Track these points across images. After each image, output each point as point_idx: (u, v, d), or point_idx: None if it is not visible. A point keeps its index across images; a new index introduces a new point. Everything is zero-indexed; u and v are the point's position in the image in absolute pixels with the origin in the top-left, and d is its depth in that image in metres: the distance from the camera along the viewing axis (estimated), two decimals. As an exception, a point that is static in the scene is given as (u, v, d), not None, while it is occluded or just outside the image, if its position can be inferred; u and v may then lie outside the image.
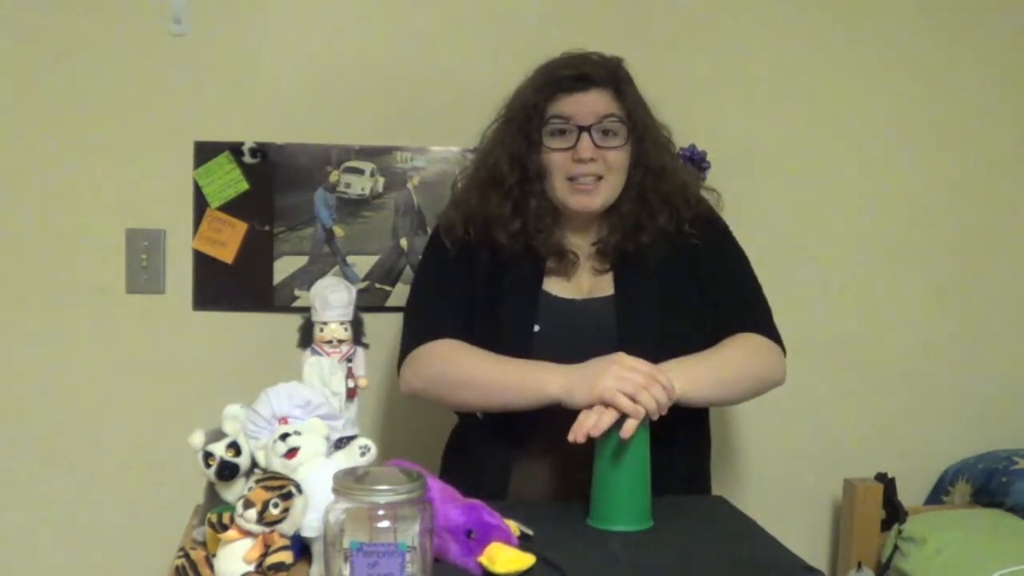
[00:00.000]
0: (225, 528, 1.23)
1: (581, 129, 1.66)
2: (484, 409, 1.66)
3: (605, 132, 1.67)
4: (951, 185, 2.43)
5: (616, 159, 1.68)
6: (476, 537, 1.30)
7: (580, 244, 1.76)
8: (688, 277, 1.73)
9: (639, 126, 1.71)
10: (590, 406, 1.50)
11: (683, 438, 1.71)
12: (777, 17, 2.33)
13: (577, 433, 1.48)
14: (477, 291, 1.73)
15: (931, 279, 2.44)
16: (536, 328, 1.69)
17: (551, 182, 1.70)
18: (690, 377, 1.58)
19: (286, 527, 1.22)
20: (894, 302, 2.43)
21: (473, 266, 1.74)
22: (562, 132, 1.68)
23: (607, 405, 1.48)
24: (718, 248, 1.78)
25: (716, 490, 1.85)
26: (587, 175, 1.67)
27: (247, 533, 1.22)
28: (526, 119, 1.69)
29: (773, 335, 1.75)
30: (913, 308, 2.44)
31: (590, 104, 1.67)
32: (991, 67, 2.41)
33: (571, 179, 1.68)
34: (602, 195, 1.69)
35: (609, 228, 1.74)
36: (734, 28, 2.32)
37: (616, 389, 1.47)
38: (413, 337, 1.72)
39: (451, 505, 1.33)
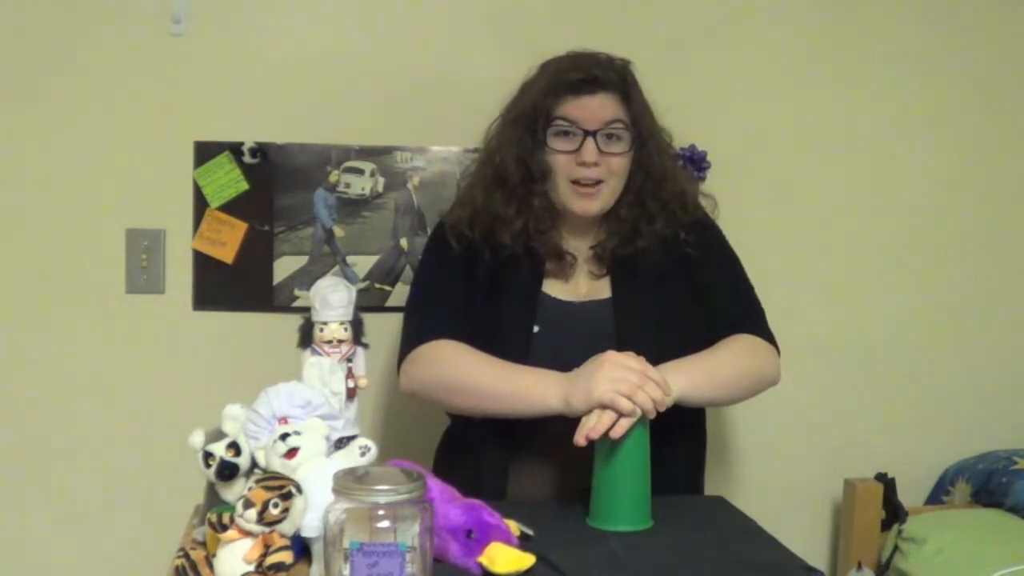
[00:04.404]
0: (225, 528, 1.23)
1: (586, 133, 1.66)
2: (483, 415, 1.66)
3: (609, 137, 1.67)
4: (953, 186, 2.43)
5: (619, 165, 1.69)
6: (476, 537, 1.30)
7: (578, 246, 1.76)
8: (684, 282, 1.74)
9: (643, 132, 1.71)
10: (590, 412, 1.50)
11: (680, 438, 1.71)
12: (778, 17, 2.33)
13: (579, 437, 1.48)
14: (477, 291, 1.73)
15: (931, 279, 2.44)
16: (536, 329, 1.70)
17: (554, 183, 1.70)
18: (688, 379, 1.58)
19: (286, 527, 1.22)
20: (894, 302, 2.42)
21: (475, 266, 1.74)
22: (567, 134, 1.68)
23: (605, 407, 1.48)
24: (712, 253, 1.79)
25: (716, 490, 1.85)
26: (589, 179, 1.67)
27: (247, 533, 1.22)
28: (532, 119, 1.69)
29: (767, 336, 1.76)
30: (913, 308, 2.43)
31: (596, 109, 1.67)
32: (991, 68, 2.41)
33: (574, 182, 1.68)
34: (602, 200, 1.70)
35: (607, 232, 1.75)
36: (735, 28, 2.32)
37: (612, 391, 1.48)
38: (414, 335, 1.72)
39: (451, 505, 1.33)
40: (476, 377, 1.63)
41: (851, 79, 2.37)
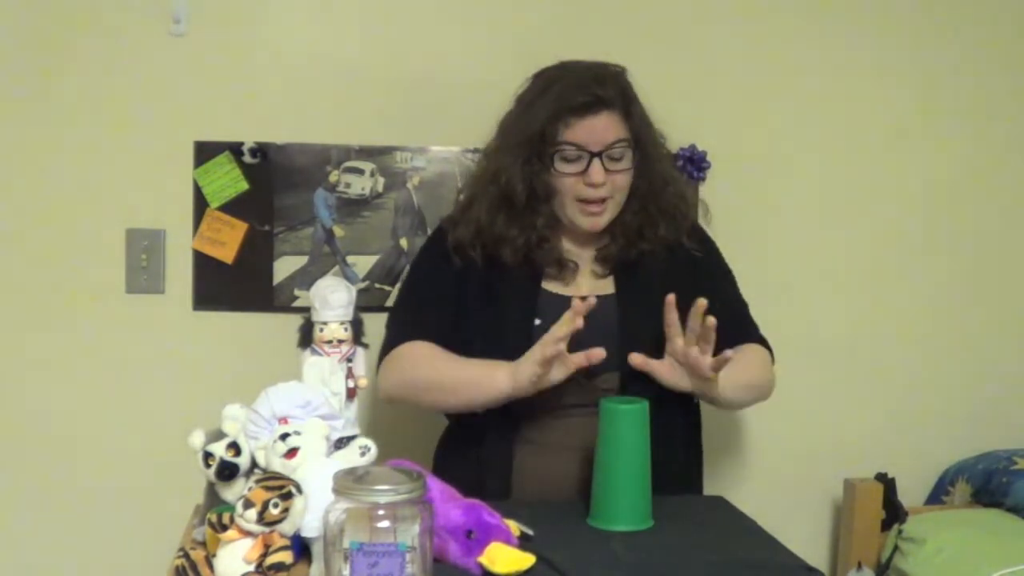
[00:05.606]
0: (225, 528, 1.23)
1: (592, 155, 1.67)
2: (449, 410, 1.72)
3: (613, 156, 1.69)
4: (951, 185, 2.43)
5: (623, 180, 1.72)
6: (476, 537, 1.30)
7: (581, 254, 1.78)
8: (687, 285, 1.74)
9: (644, 144, 1.73)
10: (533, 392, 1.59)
11: (679, 439, 1.74)
12: (778, 17, 2.33)
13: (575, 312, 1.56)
14: (475, 294, 1.74)
15: (931, 279, 2.44)
16: (537, 322, 1.70)
17: (560, 202, 1.72)
18: (727, 377, 1.63)
19: (286, 527, 1.22)
20: (894, 302, 2.42)
21: (472, 273, 1.75)
22: (573, 156, 1.69)
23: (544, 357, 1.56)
24: (714, 265, 1.84)
25: (716, 490, 1.86)
26: (596, 198, 1.69)
27: (247, 533, 1.22)
28: (539, 142, 1.69)
29: (770, 350, 1.83)
30: (913, 308, 2.43)
31: (600, 130, 1.68)
32: (992, 65, 2.41)
33: (581, 200, 1.70)
34: (609, 214, 1.73)
35: (611, 237, 1.76)
36: (734, 27, 2.32)
37: (534, 366, 1.56)
38: (392, 338, 1.76)
39: (451, 505, 1.33)
40: (437, 373, 1.69)
41: (851, 77, 2.36)
